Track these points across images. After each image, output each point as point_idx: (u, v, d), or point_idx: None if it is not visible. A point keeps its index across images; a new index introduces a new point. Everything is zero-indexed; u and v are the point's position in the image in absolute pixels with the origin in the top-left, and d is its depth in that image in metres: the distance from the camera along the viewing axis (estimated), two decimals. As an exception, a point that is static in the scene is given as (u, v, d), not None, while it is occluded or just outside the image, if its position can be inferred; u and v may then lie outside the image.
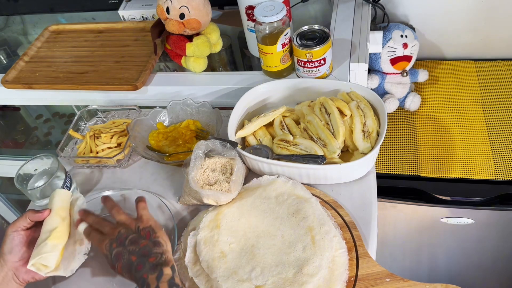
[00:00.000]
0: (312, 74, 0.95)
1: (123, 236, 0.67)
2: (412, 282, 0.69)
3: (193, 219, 0.82)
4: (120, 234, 0.68)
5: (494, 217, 1.12)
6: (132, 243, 0.66)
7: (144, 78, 1.04)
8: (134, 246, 0.66)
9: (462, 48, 1.34)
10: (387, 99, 1.20)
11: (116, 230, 0.69)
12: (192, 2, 0.96)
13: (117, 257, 0.66)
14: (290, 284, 0.68)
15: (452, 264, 1.34)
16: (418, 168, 1.09)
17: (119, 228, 0.69)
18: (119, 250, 0.66)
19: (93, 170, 0.98)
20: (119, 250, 0.66)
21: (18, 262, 0.69)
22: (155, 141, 0.95)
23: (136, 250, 0.65)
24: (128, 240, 0.67)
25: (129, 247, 0.66)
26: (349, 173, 0.84)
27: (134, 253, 0.65)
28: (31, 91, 1.13)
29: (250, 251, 0.73)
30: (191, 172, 0.79)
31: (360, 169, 0.84)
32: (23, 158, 1.38)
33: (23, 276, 0.70)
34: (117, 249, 0.66)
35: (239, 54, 1.26)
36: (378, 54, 1.18)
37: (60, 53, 1.21)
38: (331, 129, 0.84)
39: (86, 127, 1.05)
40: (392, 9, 1.28)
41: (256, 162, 0.84)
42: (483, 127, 1.15)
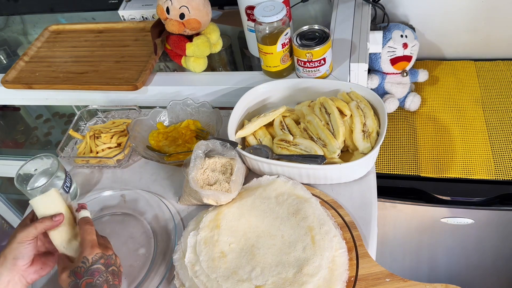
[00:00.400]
0: (312, 74, 0.95)
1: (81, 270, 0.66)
2: (412, 282, 0.69)
3: (193, 219, 0.82)
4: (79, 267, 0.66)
5: (494, 217, 1.12)
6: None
7: (144, 78, 1.04)
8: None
9: (462, 48, 1.34)
10: (387, 99, 1.20)
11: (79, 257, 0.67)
12: (192, 2, 0.96)
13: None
14: (290, 284, 0.68)
15: (452, 264, 1.34)
16: (418, 168, 1.09)
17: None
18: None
19: (93, 170, 0.98)
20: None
21: (27, 265, 0.69)
22: (155, 141, 0.95)
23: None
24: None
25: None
26: (349, 173, 0.84)
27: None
28: (31, 91, 1.13)
29: (250, 251, 0.73)
30: (191, 172, 0.79)
31: (360, 169, 0.84)
32: (23, 158, 1.38)
33: (31, 277, 0.69)
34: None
35: (239, 54, 1.26)
36: (378, 54, 1.18)
37: (60, 53, 1.21)
38: (331, 129, 0.84)
39: (86, 127, 1.05)
40: (392, 9, 1.28)
41: (256, 162, 0.84)
42: (483, 127, 1.15)
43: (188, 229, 0.80)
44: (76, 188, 0.92)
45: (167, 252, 0.79)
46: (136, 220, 0.85)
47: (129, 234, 0.84)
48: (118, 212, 0.88)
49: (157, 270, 0.77)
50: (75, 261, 0.67)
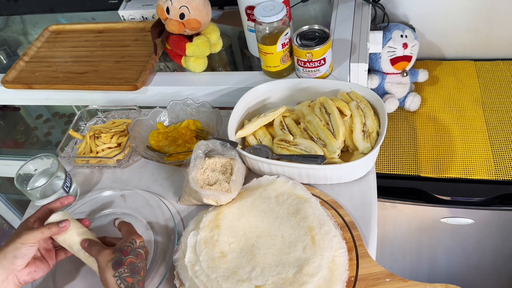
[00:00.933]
0: (312, 74, 0.95)
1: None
2: (412, 282, 0.69)
3: (193, 219, 0.82)
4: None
5: (494, 217, 1.12)
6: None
7: (144, 78, 1.05)
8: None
9: (462, 48, 1.34)
10: (387, 99, 1.20)
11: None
12: (192, 2, 0.96)
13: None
14: (290, 284, 0.68)
15: (452, 264, 1.34)
16: (418, 168, 1.09)
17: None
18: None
19: (93, 170, 0.98)
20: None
21: (23, 266, 0.69)
22: (155, 141, 0.95)
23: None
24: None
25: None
26: (349, 173, 0.84)
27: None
28: (31, 91, 1.13)
29: (250, 251, 0.73)
30: (191, 172, 0.79)
31: (360, 169, 0.84)
32: (23, 158, 1.38)
33: (24, 278, 0.70)
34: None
35: (239, 54, 1.26)
36: (378, 54, 1.18)
37: (60, 53, 1.21)
38: (331, 129, 0.84)
39: (86, 127, 1.05)
40: (392, 9, 1.28)
41: (256, 162, 0.84)
42: (483, 127, 1.15)
43: (188, 229, 0.80)
44: (76, 188, 0.92)
45: (167, 252, 0.79)
46: (136, 220, 0.85)
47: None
48: (118, 212, 0.88)
49: (157, 270, 0.77)
50: (122, 241, 0.70)
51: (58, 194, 0.86)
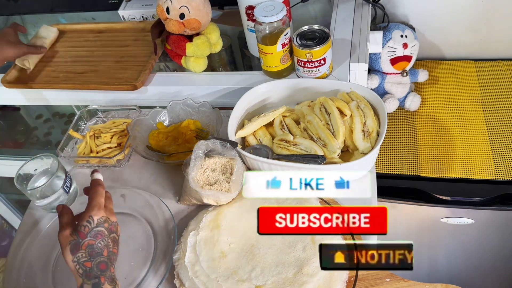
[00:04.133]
0: (312, 74, 0.95)
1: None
2: (412, 282, 0.69)
3: (193, 219, 0.82)
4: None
5: (494, 217, 1.12)
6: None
7: (143, 78, 1.04)
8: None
9: (462, 48, 1.34)
10: (387, 99, 1.20)
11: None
12: (192, 2, 0.96)
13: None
14: (290, 284, 0.68)
15: (452, 264, 1.34)
16: (418, 168, 1.09)
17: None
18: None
19: (93, 170, 0.98)
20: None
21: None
22: (155, 141, 0.95)
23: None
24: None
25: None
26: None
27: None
28: (31, 91, 1.13)
29: (250, 251, 0.73)
30: (191, 172, 0.79)
31: (360, 169, 0.84)
32: (23, 158, 1.38)
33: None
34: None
35: (239, 54, 1.26)
36: (378, 54, 1.18)
37: (60, 53, 1.21)
38: (331, 129, 0.84)
39: (86, 127, 1.05)
40: (392, 9, 1.28)
41: (256, 162, 0.84)
42: (483, 127, 1.15)
43: (188, 229, 0.80)
44: (76, 188, 0.92)
45: (167, 252, 0.79)
46: (136, 220, 0.85)
47: (129, 234, 0.84)
48: (118, 212, 0.88)
49: (157, 270, 0.77)
50: (80, 219, 0.66)
51: (58, 194, 0.86)
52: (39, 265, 0.82)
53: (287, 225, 0.60)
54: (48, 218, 0.89)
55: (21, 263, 0.82)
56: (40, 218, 0.90)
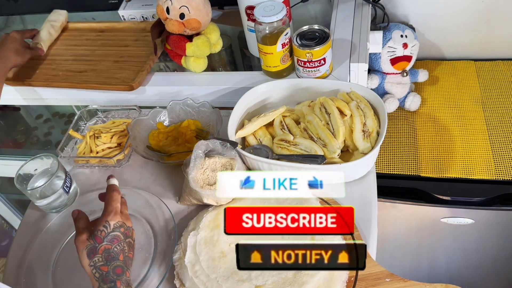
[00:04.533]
0: (312, 74, 0.95)
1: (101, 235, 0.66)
2: (412, 282, 0.69)
3: (193, 219, 0.82)
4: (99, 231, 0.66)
5: (494, 217, 1.12)
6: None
7: (140, 79, 1.04)
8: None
9: (462, 48, 1.34)
10: (387, 99, 1.20)
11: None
12: (192, 2, 0.96)
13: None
14: (290, 284, 0.68)
15: (452, 264, 1.34)
16: (418, 168, 1.09)
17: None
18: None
19: (93, 170, 0.98)
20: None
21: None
22: (155, 141, 0.95)
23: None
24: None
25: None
26: (349, 173, 0.84)
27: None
28: (32, 91, 1.13)
29: (250, 251, 0.73)
30: (191, 172, 0.79)
31: (360, 169, 0.84)
32: (23, 158, 1.38)
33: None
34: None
35: (239, 54, 1.26)
36: (378, 54, 1.18)
37: (61, 51, 1.21)
38: (331, 129, 0.84)
39: (86, 127, 1.05)
40: (392, 9, 1.28)
41: (256, 162, 0.84)
42: (483, 127, 1.15)
43: (188, 229, 0.80)
44: (76, 188, 0.92)
45: (167, 252, 0.79)
46: (136, 220, 0.85)
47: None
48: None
49: (157, 270, 0.77)
50: (97, 224, 0.67)
51: (58, 194, 0.86)
52: (39, 265, 0.82)
53: (254, 225, 0.60)
54: (48, 218, 0.89)
55: (21, 263, 0.82)
56: (40, 218, 0.90)
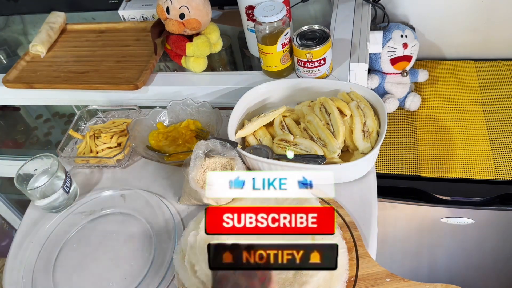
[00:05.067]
0: (312, 74, 0.95)
1: None
2: (412, 282, 0.69)
3: (193, 219, 0.82)
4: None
5: (494, 217, 1.12)
6: None
7: (144, 78, 1.05)
8: None
9: (462, 48, 1.34)
10: (387, 99, 1.20)
11: None
12: (192, 2, 0.96)
13: None
14: (290, 284, 0.68)
15: (452, 264, 1.34)
16: (418, 168, 1.09)
17: None
18: None
19: (93, 170, 0.98)
20: None
21: None
22: (155, 141, 0.95)
23: None
24: None
25: None
26: (349, 173, 0.84)
27: None
28: (32, 91, 1.13)
29: (250, 251, 0.73)
30: (191, 172, 0.79)
31: (360, 169, 0.84)
32: (23, 158, 1.38)
33: None
34: None
35: (239, 54, 1.26)
36: (378, 54, 1.19)
37: (61, 53, 1.21)
38: (331, 129, 0.84)
39: (86, 127, 1.05)
40: (392, 9, 1.28)
41: (256, 162, 0.84)
42: (483, 127, 1.15)
43: (188, 229, 0.80)
44: (76, 188, 0.92)
45: (167, 252, 0.79)
46: (136, 220, 0.85)
47: (129, 234, 0.84)
48: (118, 212, 0.88)
49: (157, 270, 0.77)
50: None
51: (58, 194, 0.86)
52: (39, 265, 0.82)
53: (235, 225, 0.60)
54: (48, 218, 0.89)
55: (21, 263, 0.82)
56: (40, 218, 0.90)
